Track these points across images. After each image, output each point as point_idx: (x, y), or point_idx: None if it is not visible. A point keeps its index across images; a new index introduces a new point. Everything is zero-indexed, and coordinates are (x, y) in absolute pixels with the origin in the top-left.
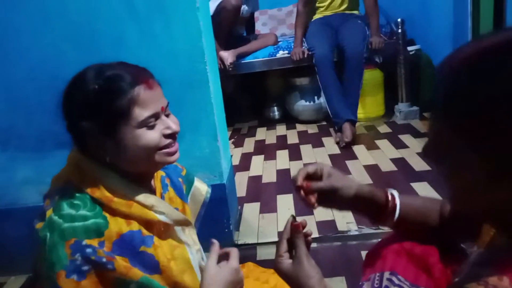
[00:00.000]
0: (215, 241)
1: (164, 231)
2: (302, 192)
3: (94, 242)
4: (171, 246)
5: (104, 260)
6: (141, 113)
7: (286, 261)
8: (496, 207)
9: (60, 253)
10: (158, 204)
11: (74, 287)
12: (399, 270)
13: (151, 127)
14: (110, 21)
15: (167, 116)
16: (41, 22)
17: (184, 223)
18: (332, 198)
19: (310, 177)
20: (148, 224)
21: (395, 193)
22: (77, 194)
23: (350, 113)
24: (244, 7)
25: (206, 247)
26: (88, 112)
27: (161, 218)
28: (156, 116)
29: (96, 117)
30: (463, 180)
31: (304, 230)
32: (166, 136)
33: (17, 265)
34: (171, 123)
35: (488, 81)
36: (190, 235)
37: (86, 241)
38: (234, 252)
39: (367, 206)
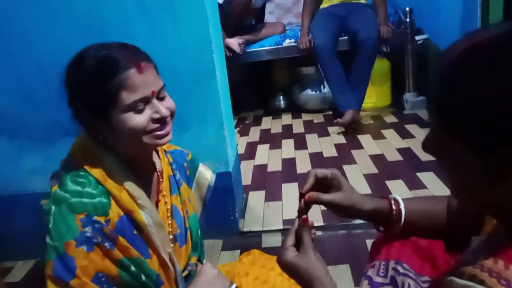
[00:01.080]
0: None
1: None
2: (302, 201)
3: (102, 220)
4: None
5: (109, 238)
6: (128, 97)
7: (292, 253)
8: (495, 202)
9: (71, 223)
10: (143, 198)
11: (83, 256)
12: (404, 259)
13: (139, 111)
14: (117, 13)
15: (161, 99)
16: (50, 16)
17: (160, 225)
18: (334, 210)
19: (318, 181)
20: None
21: (399, 200)
22: (80, 172)
23: (354, 101)
24: None
25: (211, 234)
26: (80, 92)
27: (143, 215)
28: (145, 100)
29: (87, 97)
30: (460, 177)
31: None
32: (155, 121)
33: (25, 250)
34: (161, 108)
35: (478, 78)
36: (164, 239)
37: (96, 217)
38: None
39: (371, 218)
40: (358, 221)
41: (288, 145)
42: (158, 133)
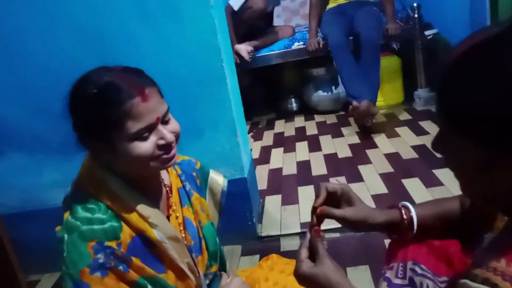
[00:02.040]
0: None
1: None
2: (314, 216)
3: (113, 244)
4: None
5: (122, 260)
6: (133, 126)
7: (308, 265)
8: (502, 197)
9: (83, 251)
10: (154, 216)
11: (98, 282)
12: (421, 260)
13: (144, 139)
14: (125, 25)
15: (166, 122)
16: (57, 29)
17: (174, 239)
18: (345, 225)
19: (329, 194)
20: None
21: (410, 207)
22: (90, 198)
23: (368, 93)
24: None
25: (230, 240)
26: (83, 119)
27: (156, 233)
28: (150, 128)
29: (90, 125)
30: (466, 173)
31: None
32: (160, 147)
33: (50, 263)
34: (166, 133)
35: (482, 76)
36: (181, 251)
37: (107, 243)
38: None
39: (383, 229)
40: None
41: (302, 147)
42: (165, 157)
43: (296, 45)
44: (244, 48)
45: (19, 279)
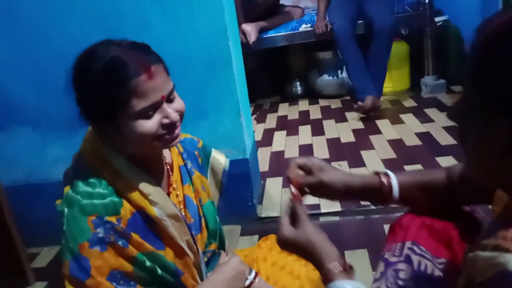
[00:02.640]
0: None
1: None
2: (292, 187)
3: (113, 219)
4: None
5: (121, 236)
6: (138, 104)
7: (290, 229)
8: None
9: (83, 225)
10: (155, 194)
11: (97, 256)
12: (420, 241)
13: (149, 117)
14: (133, 3)
15: (171, 100)
16: (66, 5)
17: (174, 217)
18: (324, 191)
19: (301, 168)
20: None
21: (391, 174)
22: (91, 172)
23: (373, 88)
24: None
25: (230, 220)
26: (88, 94)
27: (155, 210)
28: (155, 106)
29: (95, 101)
30: (486, 147)
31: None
32: (164, 126)
33: (50, 237)
34: (171, 112)
35: None
36: (180, 229)
37: (107, 218)
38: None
39: (362, 194)
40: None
41: (305, 131)
42: (168, 137)
43: (303, 27)
44: (250, 32)
45: (19, 251)
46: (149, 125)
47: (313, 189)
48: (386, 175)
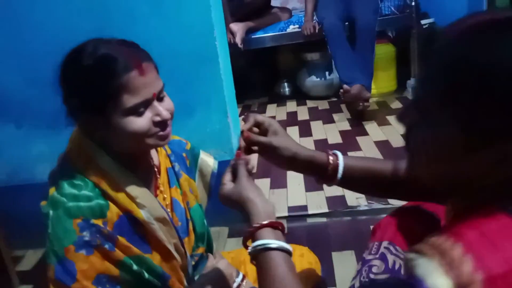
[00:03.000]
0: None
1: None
2: (241, 139)
3: (99, 222)
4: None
5: (108, 239)
6: (129, 100)
7: (229, 185)
8: (464, 177)
9: (68, 228)
10: (142, 196)
11: (83, 260)
12: (397, 242)
13: (140, 114)
14: None
15: (161, 99)
16: (54, 3)
17: (162, 221)
18: (271, 155)
19: (257, 126)
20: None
21: (339, 154)
22: (77, 174)
23: (361, 77)
24: None
25: (217, 221)
26: (78, 91)
27: (143, 213)
28: (146, 103)
29: (85, 97)
30: (438, 148)
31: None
32: (156, 124)
33: (35, 239)
34: (162, 110)
35: (482, 54)
36: (168, 232)
37: (93, 220)
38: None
39: (308, 168)
40: (363, 208)
41: (293, 132)
42: (161, 133)
43: (291, 28)
44: (237, 32)
45: (3, 254)
46: (141, 122)
47: (261, 150)
48: (335, 155)
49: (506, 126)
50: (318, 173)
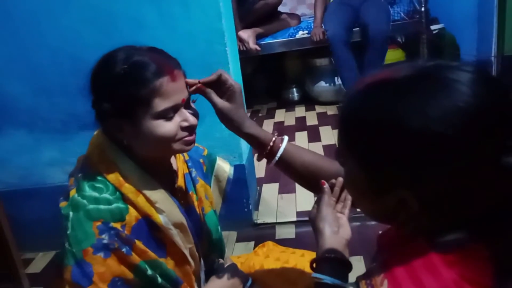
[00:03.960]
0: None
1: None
2: (194, 86)
3: (118, 226)
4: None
5: (125, 243)
6: (160, 104)
7: (313, 211)
8: (383, 214)
9: (88, 231)
10: (161, 202)
11: (100, 263)
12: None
13: (169, 119)
14: (130, 4)
15: (188, 106)
16: (61, 6)
17: (180, 226)
18: (219, 115)
19: (220, 84)
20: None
21: (285, 139)
22: (98, 177)
23: None
24: None
25: (226, 226)
26: (111, 94)
27: (161, 218)
28: (175, 108)
29: (117, 100)
30: (354, 187)
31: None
32: (183, 129)
33: (45, 242)
34: (190, 116)
35: (367, 111)
36: (185, 237)
37: (112, 224)
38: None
39: (251, 141)
40: None
41: (301, 137)
42: (187, 138)
43: (300, 34)
44: (247, 39)
45: (13, 256)
46: (169, 126)
47: (213, 106)
48: (282, 138)
49: (396, 175)
50: (259, 149)
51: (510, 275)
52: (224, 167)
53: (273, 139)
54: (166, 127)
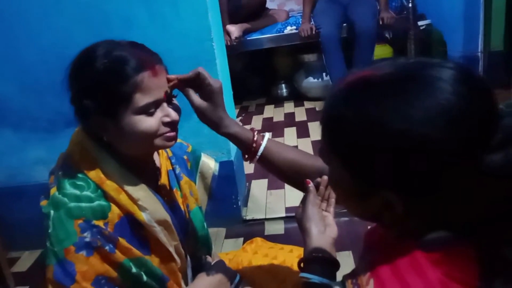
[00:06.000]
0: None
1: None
2: (172, 82)
3: (101, 223)
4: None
5: (108, 240)
6: (142, 99)
7: (299, 210)
8: (369, 215)
9: (69, 229)
10: (144, 199)
11: (83, 261)
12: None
13: (150, 114)
14: (119, 2)
15: (169, 102)
16: (51, 5)
17: (164, 223)
18: (199, 115)
19: (200, 82)
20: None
21: (266, 136)
22: (79, 175)
23: None
24: None
25: (214, 223)
26: (90, 90)
27: (144, 216)
28: (157, 104)
29: (98, 96)
30: (338, 187)
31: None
32: (165, 124)
33: (31, 241)
34: (171, 111)
35: (349, 111)
36: (169, 235)
37: (94, 222)
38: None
39: (233, 141)
40: None
41: (290, 133)
42: (169, 134)
43: (288, 30)
44: (234, 31)
45: None
46: (151, 122)
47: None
48: (262, 136)
49: (380, 177)
50: (241, 147)
51: (496, 275)
52: (209, 164)
53: (254, 137)
54: (147, 123)
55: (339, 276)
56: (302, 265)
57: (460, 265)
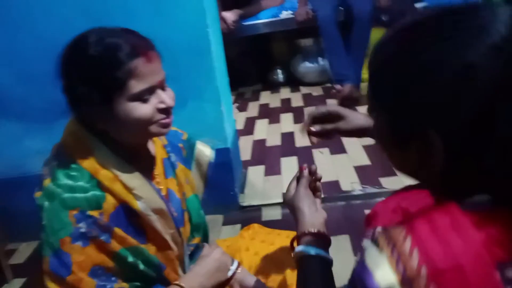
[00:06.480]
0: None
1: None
2: (307, 133)
3: (96, 214)
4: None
5: (104, 230)
6: (136, 86)
7: (289, 193)
8: (409, 167)
9: (64, 220)
10: (139, 188)
11: (79, 252)
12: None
13: (145, 101)
14: None
15: (163, 89)
16: None
17: (159, 212)
18: (346, 134)
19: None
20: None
21: None
22: (73, 165)
23: (353, 76)
24: None
25: (212, 210)
26: (84, 78)
27: (139, 205)
28: (151, 90)
29: (91, 84)
30: (382, 139)
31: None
32: (160, 111)
33: (29, 232)
34: (166, 98)
35: (398, 56)
36: (166, 223)
37: (89, 212)
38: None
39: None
40: (357, 192)
41: (287, 119)
42: (164, 121)
43: (284, 14)
44: (230, 16)
45: None
46: (146, 109)
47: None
48: None
49: (422, 116)
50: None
51: None
52: (205, 151)
53: None
54: (142, 109)
55: (339, 276)
56: (295, 244)
57: (501, 230)
